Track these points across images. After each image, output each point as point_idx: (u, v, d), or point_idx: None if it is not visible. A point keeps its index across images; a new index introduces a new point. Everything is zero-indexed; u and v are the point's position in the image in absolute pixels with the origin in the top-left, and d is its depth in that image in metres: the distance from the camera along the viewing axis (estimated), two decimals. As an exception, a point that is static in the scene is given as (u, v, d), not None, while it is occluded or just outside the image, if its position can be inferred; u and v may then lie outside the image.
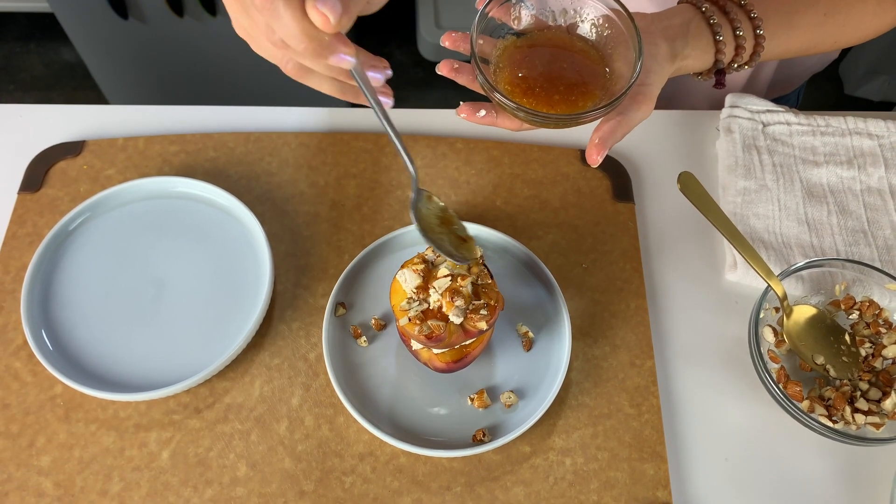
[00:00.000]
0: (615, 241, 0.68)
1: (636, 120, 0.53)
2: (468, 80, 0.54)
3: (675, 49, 0.56)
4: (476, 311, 0.53)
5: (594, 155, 0.52)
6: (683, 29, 0.58)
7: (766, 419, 0.60)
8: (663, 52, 0.56)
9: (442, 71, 0.54)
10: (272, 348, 0.62)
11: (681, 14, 0.59)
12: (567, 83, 0.52)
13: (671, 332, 0.64)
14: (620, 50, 0.52)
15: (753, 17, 0.60)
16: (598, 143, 0.52)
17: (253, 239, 0.65)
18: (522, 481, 0.56)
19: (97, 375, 0.59)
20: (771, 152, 0.72)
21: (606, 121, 0.52)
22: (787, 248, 0.67)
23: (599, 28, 0.54)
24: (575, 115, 0.50)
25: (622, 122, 0.52)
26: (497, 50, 0.54)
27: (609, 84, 0.53)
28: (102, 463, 0.56)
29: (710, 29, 0.58)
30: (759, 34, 0.60)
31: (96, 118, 0.75)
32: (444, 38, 0.54)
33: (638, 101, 0.53)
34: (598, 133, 0.52)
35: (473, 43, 0.51)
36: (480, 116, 0.54)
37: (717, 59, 0.59)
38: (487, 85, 0.50)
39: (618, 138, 0.52)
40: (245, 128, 0.74)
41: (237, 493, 0.55)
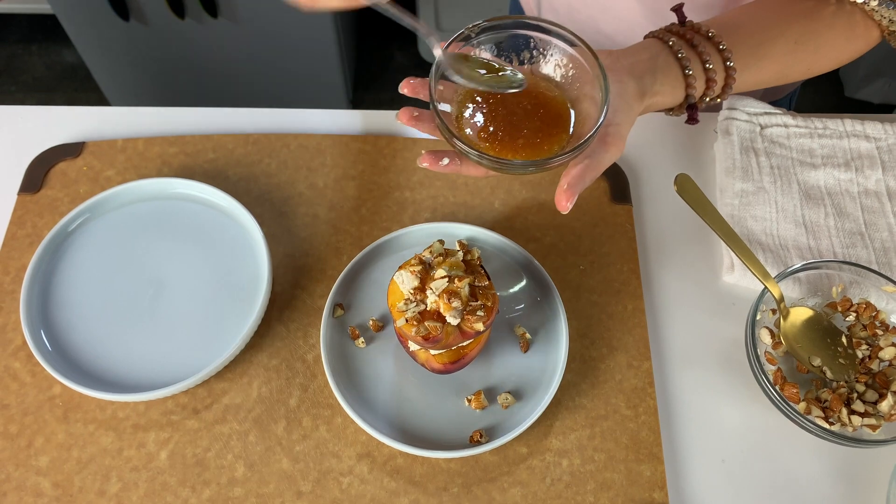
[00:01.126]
0: (613, 243, 0.68)
1: (605, 162, 0.50)
2: (429, 127, 0.51)
3: (644, 86, 0.54)
4: (473, 313, 0.53)
5: (563, 202, 0.49)
6: (651, 64, 0.55)
7: (762, 421, 0.60)
8: (631, 90, 0.53)
9: (401, 120, 0.51)
10: (270, 349, 0.62)
11: (647, 49, 0.56)
12: (532, 127, 0.50)
13: (668, 333, 0.64)
14: (586, 90, 0.50)
15: (723, 49, 0.57)
16: (567, 189, 0.49)
17: (251, 240, 0.65)
18: (519, 482, 0.56)
19: (96, 376, 0.59)
20: (768, 154, 0.72)
21: (575, 165, 0.49)
22: (785, 250, 0.67)
23: (564, 68, 0.52)
24: (541, 162, 0.47)
25: (591, 165, 0.50)
26: (458, 95, 0.52)
27: (576, 126, 0.50)
28: (101, 463, 0.57)
29: (679, 63, 0.56)
30: (729, 66, 0.57)
31: (96, 119, 0.75)
32: (403, 86, 0.52)
33: (607, 143, 0.50)
34: (566, 178, 0.49)
35: (432, 89, 0.48)
36: (443, 165, 0.51)
37: (688, 94, 0.57)
38: (448, 133, 0.47)
39: (587, 183, 0.49)
40: (244, 129, 0.75)
41: (235, 494, 0.56)
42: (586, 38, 0.51)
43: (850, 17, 0.61)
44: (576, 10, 0.78)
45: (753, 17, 0.61)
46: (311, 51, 1.58)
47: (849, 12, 0.61)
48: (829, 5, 0.61)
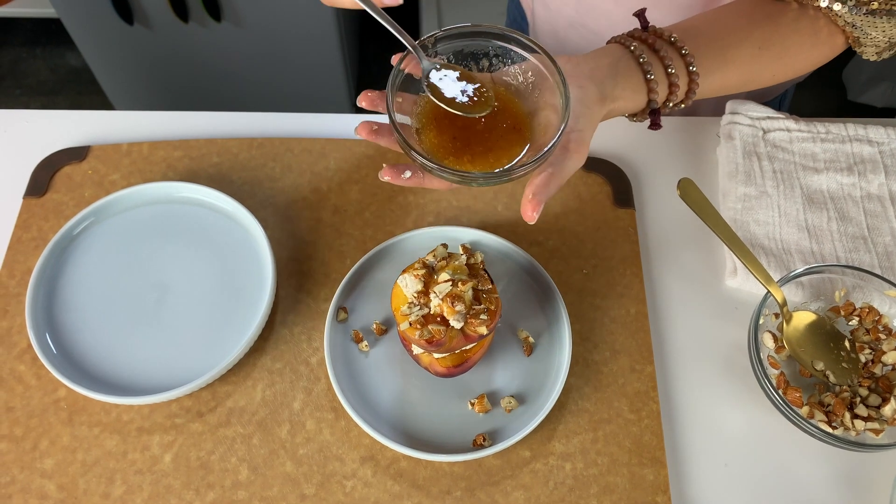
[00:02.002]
0: (615, 247, 0.68)
1: (569, 169, 0.50)
2: (390, 141, 0.51)
3: (605, 91, 0.53)
4: (476, 316, 0.53)
5: (529, 211, 0.48)
6: (612, 70, 0.54)
7: (765, 425, 0.60)
8: (591, 95, 0.52)
9: (361, 134, 0.51)
10: (274, 352, 0.62)
11: (608, 54, 0.56)
12: (494, 137, 0.49)
13: (671, 337, 0.64)
14: (547, 97, 0.50)
15: (685, 54, 0.57)
16: (532, 198, 0.48)
17: (255, 243, 0.65)
18: (522, 486, 0.57)
19: (100, 379, 0.59)
20: (771, 159, 0.72)
21: (538, 174, 0.49)
22: (787, 255, 0.67)
23: (523, 76, 0.51)
24: (502, 172, 0.46)
25: (555, 174, 0.49)
26: (417, 107, 0.51)
27: (538, 135, 0.50)
28: (105, 466, 0.57)
29: (640, 68, 0.55)
30: (692, 71, 0.57)
31: (101, 123, 0.75)
32: (361, 99, 0.51)
33: (570, 150, 0.50)
34: (530, 188, 0.49)
35: (390, 103, 0.47)
36: (406, 178, 0.50)
37: (650, 99, 0.56)
38: (406, 146, 0.46)
39: (552, 191, 0.49)
40: (248, 133, 0.75)
41: (239, 497, 0.56)
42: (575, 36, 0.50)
43: (813, 23, 0.61)
44: (566, 5, 0.79)
45: (717, 22, 0.61)
46: (315, 55, 1.59)
47: (812, 17, 0.61)
48: (792, 10, 0.61)
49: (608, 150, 0.74)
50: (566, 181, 0.50)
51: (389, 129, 0.50)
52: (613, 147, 0.75)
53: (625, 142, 0.75)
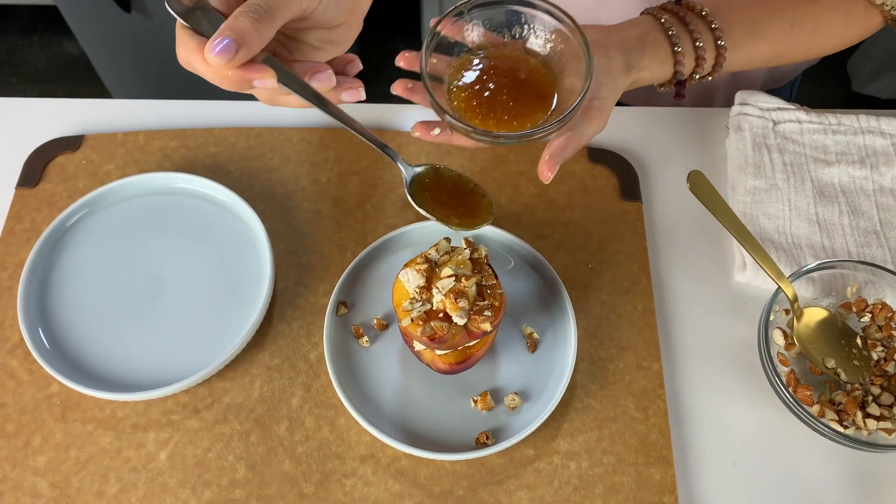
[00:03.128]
0: (622, 241, 0.66)
1: (588, 135, 0.52)
2: (423, 99, 0.53)
3: (631, 61, 0.56)
4: (480, 313, 0.52)
5: (545, 171, 0.51)
6: (640, 41, 0.57)
7: (775, 424, 0.59)
8: (617, 65, 0.55)
9: (396, 91, 0.54)
10: (272, 348, 0.61)
11: (639, 26, 0.58)
12: (519, 101, 0.52)
13: (679, 334, 0.63)
14: (573, 64, 0.51)
15: (714, 28, 0.59)
16: (549, 159, 0.51)
17: (253, 236, 0.64)
18: (526, 485, 0.55)
19: (94, 374, 0.58)
20: (781, 151, 0.70)
21: (557, 136, 0.52)
22: (798, 249, 0.65)
23: (552, 43, 0.53)
24: (524, 134, 0.49)
25: (573, 137, 0.52)
26: (451, 68, 0.54)
27: (561, 100, 0.52)
28: (99, 463, 0.56)
29: (669, 40, 0.57)
30: (720, 45, 0.59)
31: (95, 112, 0.74)
32: (399, 59, 0.54)
33: (590, 116, 0.52)
34: (548, 149, 0.52)
35: (423, 63, 0.50)
36: (434, 135, 0.54)
37: (677, 71, 0.58)
38: (437, 106, 0.49)
39: (568, 154, 0.52)
40: (246, 123, 0.73)
41: (236, 496, 0.55)
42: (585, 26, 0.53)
43: (849, 1, 0.62)
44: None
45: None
46: (315, 43, 1.56)
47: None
48: None
49: (615, 141, 0.73)
50: (583, 146, 0.53)
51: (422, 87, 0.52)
52: (620, 138, 0.73)
53: (632, 133, 0.74)
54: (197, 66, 0.42)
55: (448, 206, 0.53)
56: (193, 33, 0.43)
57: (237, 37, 0.40)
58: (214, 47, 0.40)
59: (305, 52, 0.48)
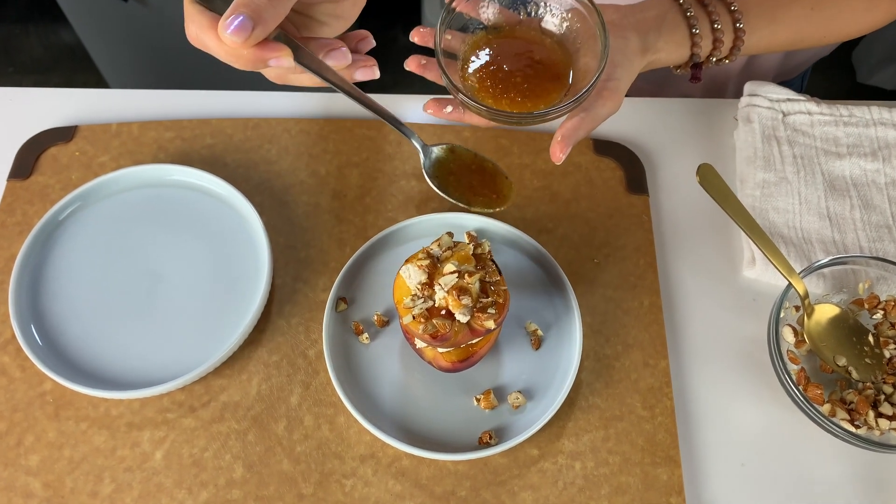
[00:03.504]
0: (628, 235, 0.65)
1: (601, 116, 0.52)
2: (436, 75, 0.52)
3: (647, 42, 0.55)
4: (484, 310, 0.50)
5: (557, 152, 0.51)
6: (657, 22, 0.56)
7: (784, 423, 0.58)
8: (633, 46, 0.54)
9: (409, 66, 0.54)
10: (270, 345, 0.59)
11: (656, 6, 0.57)
12: (533, 79, 0.51)
13: (686, 330, 0.62)
14: (589, 44, 0.51)
15: (733, 11, 0.58)
16: (561, 140, 0.51)
17: (251, 230, 0.63)
18: (530, 486, 0.54)
19: (88, 372, 0.57)
20: (791, 143, 0.69)
21: (571, 117, 0.51)
22: (808, 244, 0.64)
23: (568, 22, 0.52)
24: (538, 114, 0.49)
25: (586, 118, 0.51)
26: (465, 45, 0.53)
27: (576, 80, 0.51)
28: (93, 463, 0.55)
29: (686, 22, 0.57)
30: (738, 28, 0.58)
31: (89, 102, 0.72)
32: (413, 34, 0.54)
33: (604, 97, 0.52)
34: (561, 130, 0.51)
35: (437, 40, 0.50)
36: (447, 112, 0.54)
37: (694, 53, 0.58)
38: (450, 84, 0.49)
39: (581, 135, 0.51)
40: (243, 113, 0.72)
41: (233, 496, 0.54)
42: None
43: None
44: None
45: None
46: (314, 32, 1.54)
47: None
48: None
49: (621, 133, 0.71)
50: (596, 128, 0.52)
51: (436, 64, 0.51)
52: (626, 130, 0.71)
53: (638, 125, 0.72)
54: (209, 45, 0.41)
55: (467, 187, 0.53)
56: (203, 9, 0.41)
57: (253, 13, 0.38)
58: (229, 25, 0.38)
59: (312, 27, 0.47)
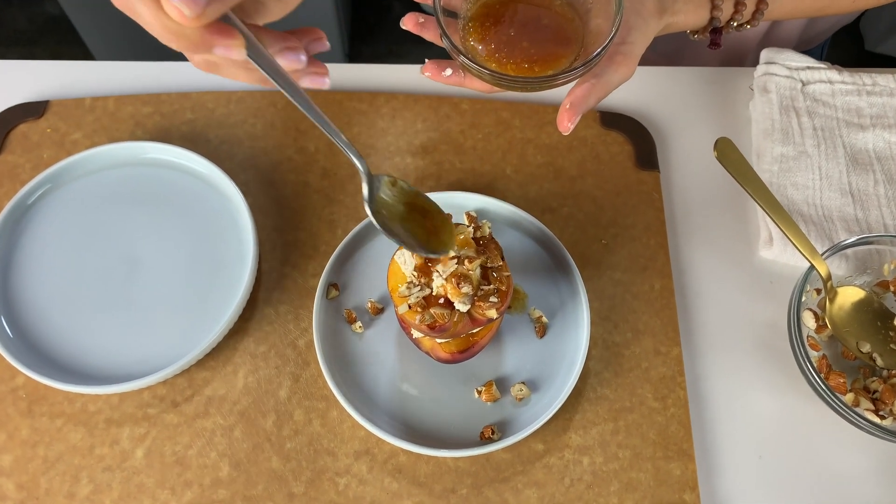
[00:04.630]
0: (638, 214, 0.62)
1: (614, 83, 0.48)
2: (435, 35, 0.49)
3: (664, 3, 0.52)
4: (485, 298, 0.47)
5: (565, 121, 0.47)
6: None
7: (804, 413, 0.55)
8: (649, 7, 0.51)
9: (406, 25, 0.50)
10: (257, 334, 0.57)
11: None
12: (540, 43, 0.48)
13: (700, 316, 0.58)
14: (600, 5, 0.47)
15: None
16: (569, 108, 0.47)
17: (235, 212, 0.60)
18: (535, 483, 0.52)
19: (63, 365, 0.54)
20: (811, 114, 0.65)
21: (580, 83, 0.47)
22: (829, 222, 0.60)
23: None
24: (545, 78, 0.45)
25: (597, 85, 0.47)
26: (468, 3, 0.49)
27: (587, 43, 0.48)
28: (70, 462, 0.52)
29: None
30: None
31: (61, 75, 0.68)
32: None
33: (616, 62, 0.48)
34: (569, 97, 0.47)
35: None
36: (446, 76, 0.50)
37: (713, 17, 0.55)
38: (450, 44, 0.45)
39: (592, 103, 0.48)
40: (226, 86, 0.68)
41: (219, 496, 0.51)
42: None
43: None
44: None
45: None
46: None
47: None
48: None
49: (629, 104, 0.67)
50: (607, 95, 0.48)
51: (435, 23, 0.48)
52: (635, 101, 0.68)
53: (648, 95, 0.68)
54: (142, 13, 0.33)
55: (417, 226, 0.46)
56: None
57: None
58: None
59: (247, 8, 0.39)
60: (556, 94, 0.67)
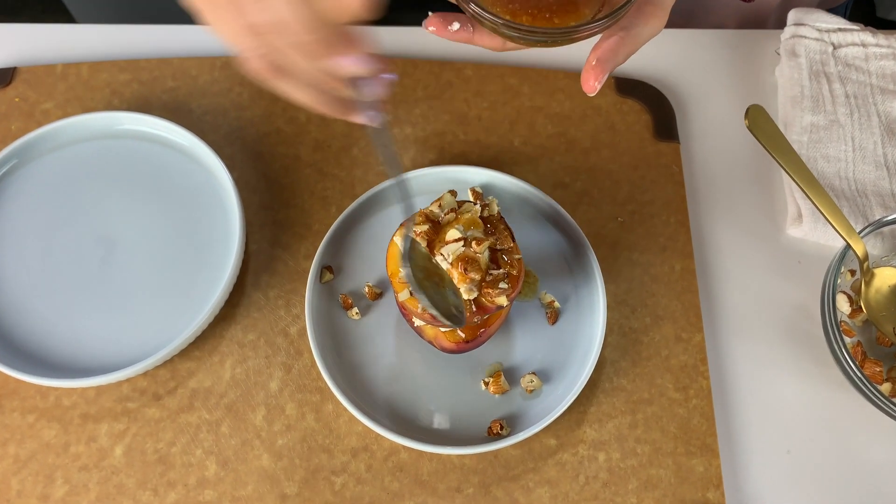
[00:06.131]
0: (657, 190, 0.58)
1: (644, 36, 0.43)
2: None
3: None
4: (495, 284, 0.43)
5: (591, 80, 0.42)
6: None
7: (836, 404, 0.52)
8: None
9: None
10: (245, 321, 0.54)
11: None
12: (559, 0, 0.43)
13: (724, 299, 0.55)
14: None
15: None
16: (596, 65, 0.42)
17: (220, 188, 0.57)
18: (547, 481, 0.49)
19: (34, 357, 0.51)
20: (843, 80, 0.61)
21: (607, 37, 0.43)
22: (863, 198, 0.56)
23: None
24: (567, 30, 0.40)
25: (626, 38, 0.42)
26: None
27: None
28: (43, 462, 0.49)
29: None
30: None
31: (30, 39, 0.64)
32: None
33: (646, 14, 0.43)
34: (595, 52, 0.42)
35: None
36: (453, 31, 0.45)
37: None
38: None
39: (620, 60, 0.43)
40: (210, 51, 0.64)
41: (206, 498, 0.48)
42: None
43: None
44: None
45: None
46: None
47: None
48: None
49: (647, 70, 0.64)
50: (636, 51, 0.43)
51: None
52: (653, 67, 0.64)
53: (667, 60, 0.64)
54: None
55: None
56: None
57: None
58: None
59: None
60: (567, 58, 0.63)
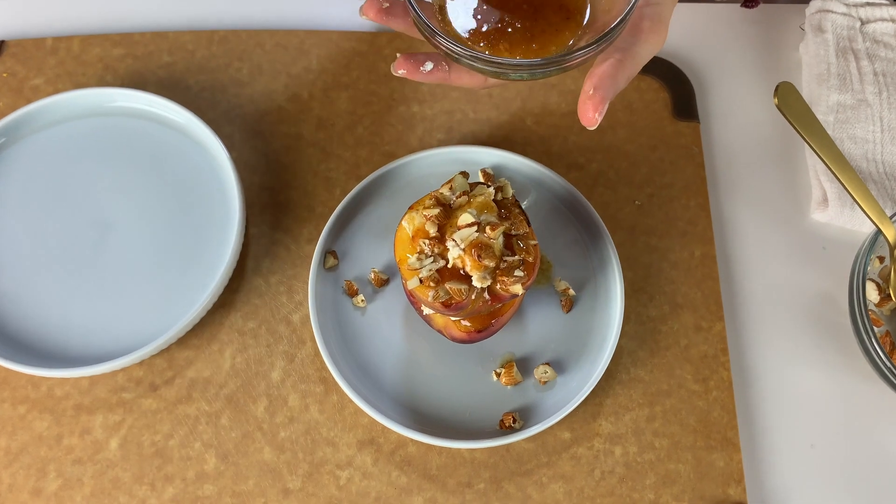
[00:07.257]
0: (676, 171, 0.56)
1: (643, 56, 0.39)
2: (405, 24, 0.40)
3: None
4: (509, 271, 0.40)
5: (589, 112, 0.37)
6: None
7: (862, 396, 0.50)
8: None
9: (368, 14, 0.40)
10: (246, 308, 0.52)
11: None
12: (537, 21, 0.40)
13: (745, 286, 0.53)
14: None
15: None
16: (594, 94, 0.37)
17: (218, 168, 0.54)
18: (561, 476, 0.47)
19: (26, 345, 0.49)
20: (872, 57, 0.58)
21: (602, 61, 0.38)
22: (892, 181, 0.54)
23: None
24: (554, 60, 0.36)
25: (624, 61, 0.38)
26: None
27: (600, 11, 0.39)
28: (35, 455, 0.47)
29: None
30: None
31: (18, 11, 0.62)
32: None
33: (643, 30, 0.39)
34: (591, 80, 0.37)
35: None
36: (426, 71, 0.41)
37: None
38: (427, 28, 0.36)
39: (621, 85, 0.38)
40: (208, 24, 0.62)
41: (205, 492, 0.46)
42: None
43: None
44: None
45: None
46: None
47: None
48: None
49: (665, 46, 0.60)
50: (637, 73, 0.39)
51: (404, 6, 0.39)
52: (672, 43, 0.61)
53: (686, 36, 0.62)
54: None
55: None
56: None
57: None
58: None
59: None
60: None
